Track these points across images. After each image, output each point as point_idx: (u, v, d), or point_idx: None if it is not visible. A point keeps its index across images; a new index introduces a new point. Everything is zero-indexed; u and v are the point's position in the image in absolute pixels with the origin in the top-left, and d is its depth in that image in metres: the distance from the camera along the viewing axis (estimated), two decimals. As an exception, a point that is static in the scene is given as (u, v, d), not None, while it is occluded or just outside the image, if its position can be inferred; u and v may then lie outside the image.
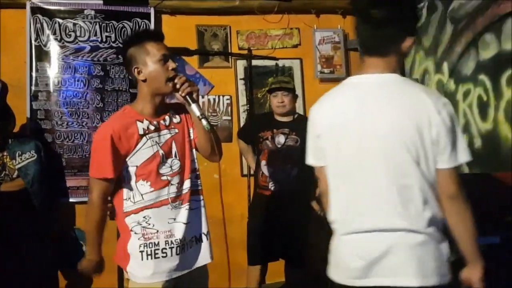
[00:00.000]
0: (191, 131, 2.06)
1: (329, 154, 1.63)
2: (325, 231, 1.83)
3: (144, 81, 1.94)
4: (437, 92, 1.59)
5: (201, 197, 2.06)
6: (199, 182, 2.06)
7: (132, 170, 1.93)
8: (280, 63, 4.16)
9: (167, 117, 2.01)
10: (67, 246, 3.74)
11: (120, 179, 1.97)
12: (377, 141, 1.53)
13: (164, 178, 1.94)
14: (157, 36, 2.01)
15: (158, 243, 1.91)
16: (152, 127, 1.95)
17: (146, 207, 1.94)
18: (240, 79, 4.15)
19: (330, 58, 4.09)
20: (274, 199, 3.20)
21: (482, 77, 3.16)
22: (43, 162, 3.40)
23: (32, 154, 3.33)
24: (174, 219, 1.95)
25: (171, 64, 1.94)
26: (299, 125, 3.32)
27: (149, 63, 1.92)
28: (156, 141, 1.94)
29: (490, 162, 3.10)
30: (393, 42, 1.55)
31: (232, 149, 3.83)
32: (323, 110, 1.67)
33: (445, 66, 3.51)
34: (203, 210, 2.06)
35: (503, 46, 2.98)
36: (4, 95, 3.35)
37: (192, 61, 4.08)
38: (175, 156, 1.97)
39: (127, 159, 1.91)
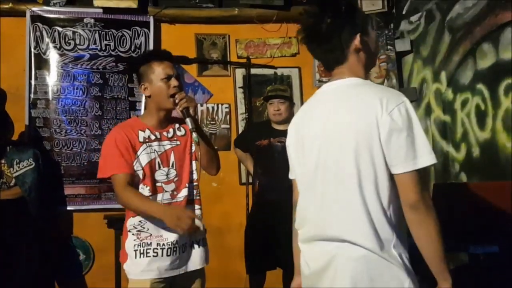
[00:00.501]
0: (193, 144, 2.16)
1: (295, 166, 1.65)
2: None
3: (149, 97, 2.14)
4: (396, 91, 1.53)
5: (199, 207, 2.16)
6: (196, 192, 2.17)
7: (139, 173, 2.06)
8: (279, 71, 4.18)
9: (171, 130, 2.17)
10: (64, 255, 3.72)
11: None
12: (327, 148, 1.49)
13: (158, 184, 2.07)
14: (163, 55, 2.17)
15: (151, 243, 2.04)
16: (153, 137, 2.11)
17: None
18: (239, 87, 4.16)
19: (328, 67, 4.10)
20: (270, 207, 3.20)
21: (480, 86, 3.17)
22: (41, 170, 3.38)
23: (30, 162, 3.31)
24: None
25: (174, 82, 2.10)
26: None
27: (154, 81, 2.10)
28: (155, 149, 2.09)
29: (488, 171, 3.11)
30: (343, 49, 1.54)
31: (230, 158, 3.83)
32: (293, 121, 1.69)
33: (443, 75, 3.53)
34: (200, 217, 2.13)
35: (501, 55, 3.00)
36: (3, 102, 3.35)
37: (191, 70, 4.10)
38: (172, 166, 2.11)
39: (134, 163, 2.05)
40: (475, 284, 2.63)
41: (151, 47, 3.90)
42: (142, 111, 3.85)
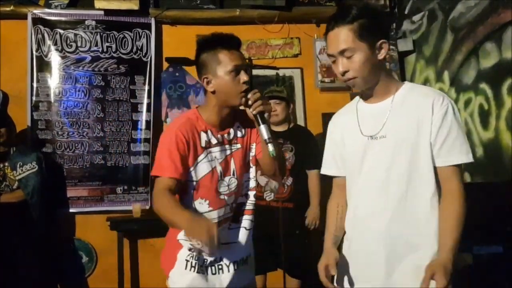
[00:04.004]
0: (253, 146, 1.88)
1: None
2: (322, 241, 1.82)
3: (213, 92, 1.78)
4: None
5: (250, 217, 1.92)
6: (254, 201, 1.92)
7: (191, 185, 1.77)
8: (281, 72, 4.17)
9: (231, 131, 1.86)
10: (66, 258, 3.72)
11: (180, 192, 1.79)
12: None
13: (222, 197, 1.80)
14: (232, 43, 1.80)
15: (198, 258, 1.81)
16: (214, 141, 1.80)
17: None
18: (241, 88, 4.14)
19: (330, 68, 4.09)
20: (269, 209, 3.19)
21: (483, 85, 3.16)
22: (44, 174, 3.39)
23: (33, 166, 3.32)
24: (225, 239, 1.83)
25: (244, 77, 1.74)
26: (294, 134, 3.32)
27: (220, 73, 1.74)
28: (215, 157, 1.79)
29: (492, 170, 3.09)
30: None
31: (233, 159, 3.82)
32: None
33: (446, 75, 3.51)
34: (253, 231, 1.94)
35: (504, 54, 2.98)
36: (5, 105, 3.35)
37: (193, 71, 4.08)
38: (233, 174, 1.82)
39: (190, 170, 1.76)
40: (479, 285, 2.61)
41: (152, 49, 3.90)
42: (144, 113, 3.85)
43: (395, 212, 1.54)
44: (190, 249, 1.80)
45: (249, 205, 1.90)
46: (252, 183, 1.89)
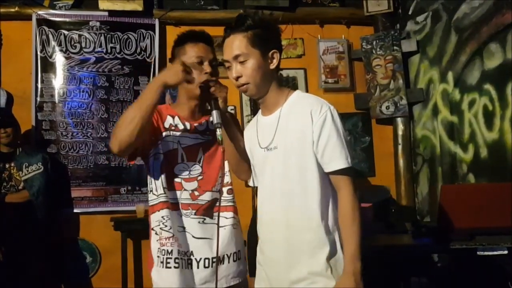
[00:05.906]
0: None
1: None
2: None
3: None
4: None
5: (233, 215, 1.89)
6: (231, 198, 1.90)
7: (160, 157, 1.80)
8: (284, 73, 4.17)
9: (204, 122, 1.89)
10: (69, 258, 3.73)
11: (148, 166, 1.84)
12: None
13: (177, 180, 1.81)
14: (198, 37, 1.90)
15: (172, 251, 1.75)
16: (181, 126, 1.85)
17: (166, 205, 1.78)
18: (245, 89, 4.14)
19: (334, 68, 4.09)
20: None
21: (488, 86, 3.15)
22: (49, 174, 3.40)
23: (39, 167, 3.33)
24: (184, 228, 1.80)
25: (207, 68, 1.83)
26: None
27: None
28: (178, 140, 1.83)
29: (497, 172, 3.08)
30: None
31: (236, 159, 3.82)
32: None
33: (450, 76, 3.51)
34: (232, 228, 1.87)
35: (508, 55, 2.98)
36: (10, 105, 3.37)
37: (197, 72, 4.09)
38: (199, 162, 1.83)
39: (159, 143, 1.81)
40: (484, 286, 2.61)
41: (156, 49, 3.91)
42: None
43: (290, 220, 1.62)
44: (158, 239, 1.78)
45: (223, 202, 1.87)
46: (226, 179, 1.90)
